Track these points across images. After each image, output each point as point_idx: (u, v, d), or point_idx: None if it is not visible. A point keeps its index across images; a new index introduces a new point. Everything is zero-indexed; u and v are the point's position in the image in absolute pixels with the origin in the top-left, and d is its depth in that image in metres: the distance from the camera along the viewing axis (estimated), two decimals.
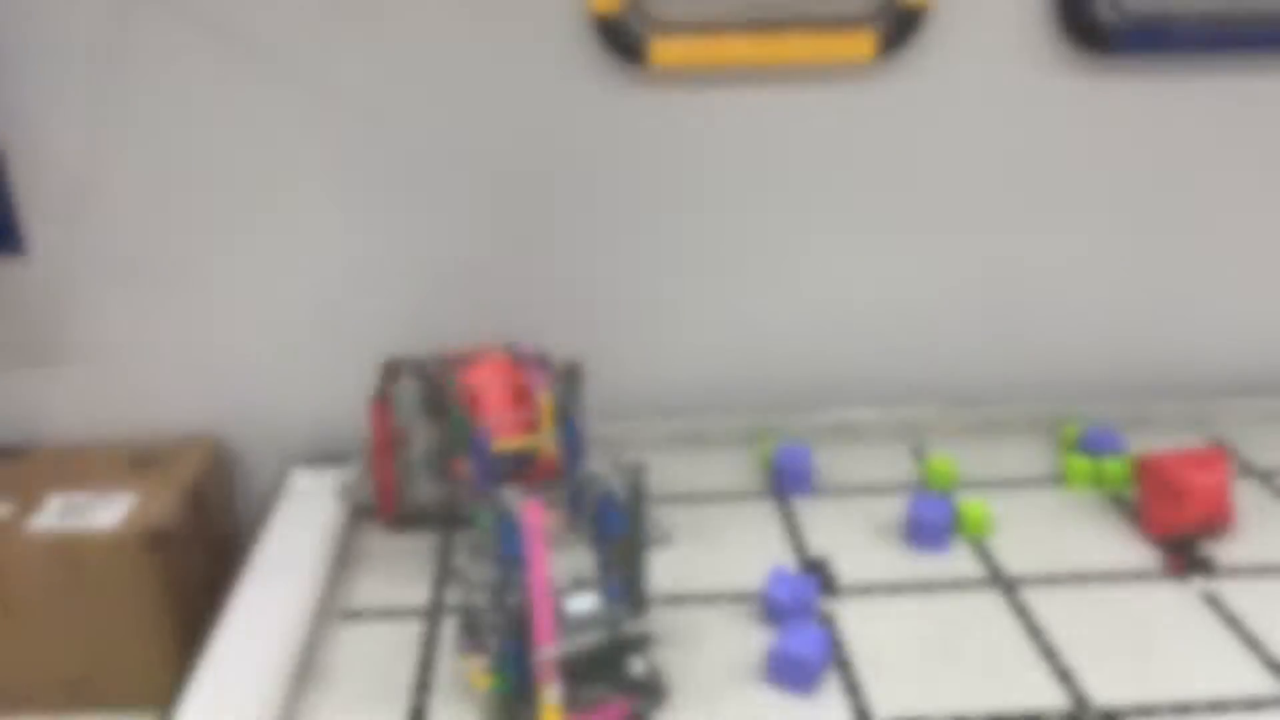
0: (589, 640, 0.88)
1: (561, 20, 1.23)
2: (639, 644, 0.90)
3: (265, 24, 1.22)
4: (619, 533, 0.90)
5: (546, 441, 1.07)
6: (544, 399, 1.08)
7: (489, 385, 1.09)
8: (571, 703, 0.88)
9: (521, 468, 1.09)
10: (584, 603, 0.90)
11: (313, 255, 1.33)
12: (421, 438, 1.12)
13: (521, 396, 1.11)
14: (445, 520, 1.19)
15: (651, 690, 0.92)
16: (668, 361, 1.42)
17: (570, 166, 1.30)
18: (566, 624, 0.88)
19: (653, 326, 1.39)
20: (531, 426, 1.09)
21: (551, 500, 0.90)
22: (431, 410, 1.08)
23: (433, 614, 1.06)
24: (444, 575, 1.12)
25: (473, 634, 0.97)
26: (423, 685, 0.96)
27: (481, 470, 1.02)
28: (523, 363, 1.12)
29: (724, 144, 1.30)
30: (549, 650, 0.86)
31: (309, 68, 1.24)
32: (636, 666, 0.90)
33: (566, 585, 0.92)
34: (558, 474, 1.08)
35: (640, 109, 1.27)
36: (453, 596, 1.08)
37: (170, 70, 1.23)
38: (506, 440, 1.05)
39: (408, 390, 1.09)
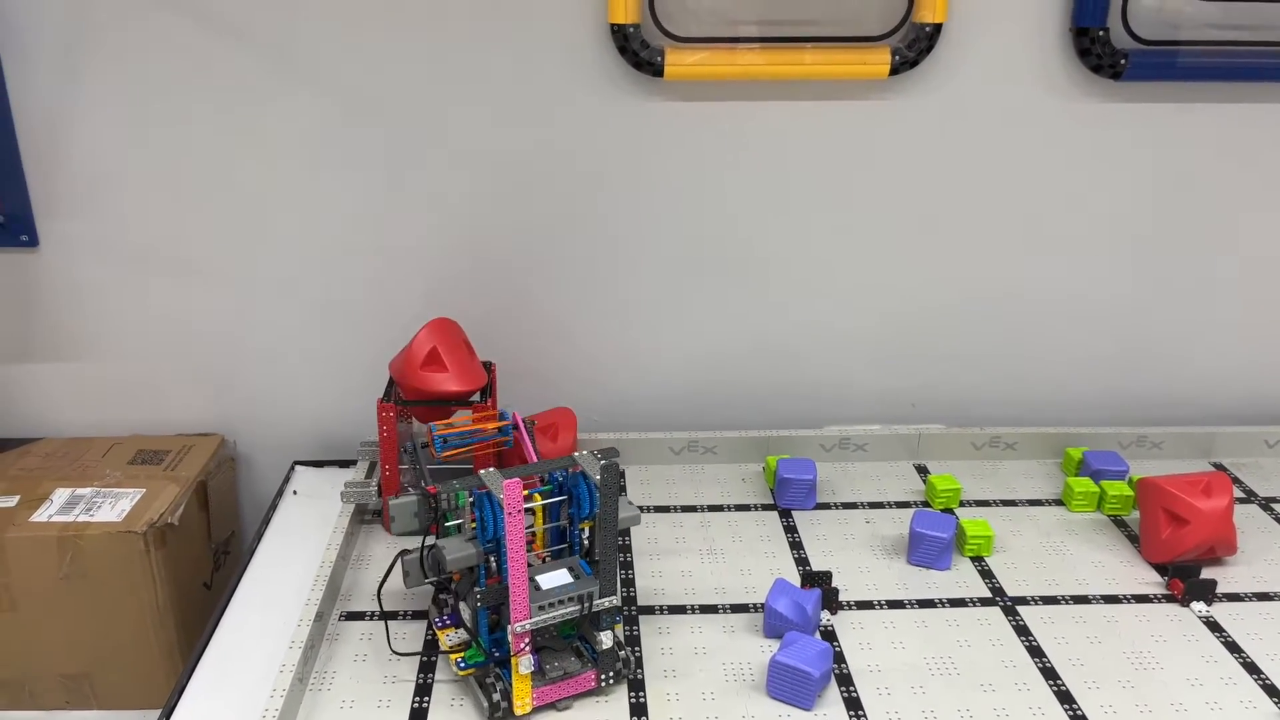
0: (560, 615, 0.90)
1: (578, 31, 1.23)
2: (608, 619, 0.93)
3: (284, 26, 1.23)
4: (591, 513, 0.92)
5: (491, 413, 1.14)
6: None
7: (442, 337, 1.17)
8: (542, 674, 0.92)
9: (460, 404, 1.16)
10: (556, 578, 0.93)
11: (323, 256, 1.34)
12: None
13: (470, 353, 1.19)
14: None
15: (619, 664, 0.95)
16: (675, 371, 1.42)
17: (584, 176, 1.31)
18: (539, 599, 0.90)
19: (660, 337, 1.40)
20: (479, 378, 1.17)
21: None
22: None
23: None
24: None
25: (443, 608, 1.00)
26: (423, 687, 0.96)
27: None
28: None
29: (736, 157, 1.31)
30: (522, 624, 0.88)
31: (326, 72, 1.25)
32: (605, 641, 0.93)
33: (540, 562, 0.96)
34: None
35: (654, 120, 1.28)
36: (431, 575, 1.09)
37: (185, 70, 1.24)
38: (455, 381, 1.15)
39: None
